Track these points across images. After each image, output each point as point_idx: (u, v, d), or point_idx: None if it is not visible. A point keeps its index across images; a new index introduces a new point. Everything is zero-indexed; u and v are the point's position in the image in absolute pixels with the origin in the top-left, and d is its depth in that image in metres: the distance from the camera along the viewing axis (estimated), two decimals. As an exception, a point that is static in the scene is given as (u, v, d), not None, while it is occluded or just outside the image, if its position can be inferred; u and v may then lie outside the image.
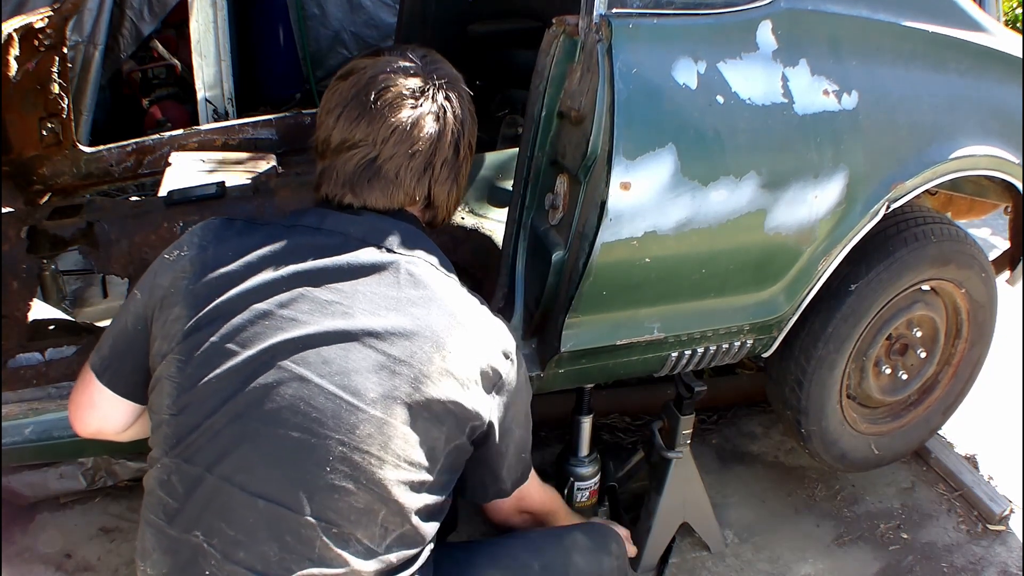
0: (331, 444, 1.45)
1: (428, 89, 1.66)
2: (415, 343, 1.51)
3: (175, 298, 1.57)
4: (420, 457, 1.50)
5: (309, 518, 1.44)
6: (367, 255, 1.57)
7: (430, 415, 1.50)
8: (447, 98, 1.68)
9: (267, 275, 1.54)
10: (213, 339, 1.51)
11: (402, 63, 1.67)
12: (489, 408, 1.60)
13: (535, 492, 1.91)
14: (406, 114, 1.62)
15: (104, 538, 2.67)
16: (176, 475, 1.51)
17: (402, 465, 1.48)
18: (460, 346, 1.55)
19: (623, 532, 2.24)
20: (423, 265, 1.60)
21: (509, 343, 1.66)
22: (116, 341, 1.67)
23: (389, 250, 1.58)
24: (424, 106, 1.64)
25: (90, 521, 2.73)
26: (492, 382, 1.60)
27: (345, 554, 1.46)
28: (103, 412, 1.70)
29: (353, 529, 1.47)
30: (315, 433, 1.45)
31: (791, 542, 2.74)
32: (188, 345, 1.53)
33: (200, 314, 1.53)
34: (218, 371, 1.50)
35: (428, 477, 1.53)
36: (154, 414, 1.58)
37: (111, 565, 2.58)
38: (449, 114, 1.68)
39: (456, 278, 1.66)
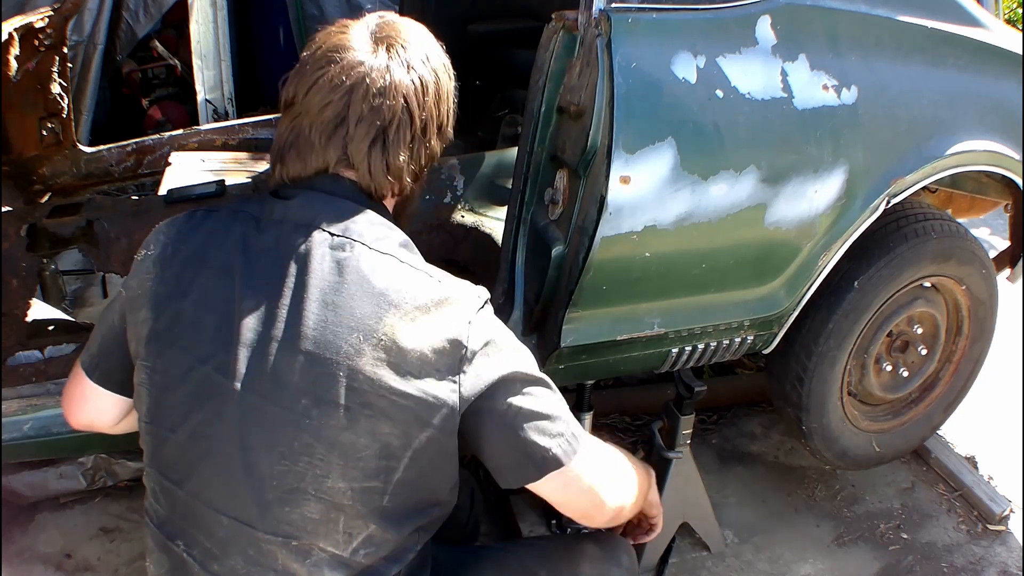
0: (273, 458, 1.40)
1: (370, 46, 1.51)
2: (340, 336, 1.37)
3: (141, 300, 1.53)
4: (370, 458, 1.40)
5: (266, 534, 1.42)
6: (295, 245, 1.44)
7: (373, 412, 1.37)
8: (396, 55, 1.52)
9: (209, 279, 1.47)
10: (172, 348, 1.48)
11: (354, 24, 1.55)
12: (451, 391, 1.39)
13: (591, 468, 1.54)
14: (332, 69, 1.48)
15: (104, 538, 2.66)
16: (159, 487, 1.51)
17: (350, 470, 1.39)
18: (395, 330, 1.37)
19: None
20: (349, 245, 1.44)
21: (470, 311, 1.43)
22: (104, 339, 1.64)
23: (322, 231, 1.44)
24: (349, 58, 1.49)
25: (90, 521, 2.72)
26: (451, 361, 1.39)
27: (308, 565, 1.44)
28: (95, 406, 1.69)
29: (313, 540, 1.43)
30: (255, 448, 1.41)
31: (791, 542, 2.74)
32: (151, 351, 1.50)
33: (160, 318, 1.49)
34: (176, 385, 1.47)
35: (387, 477, 1.42)
36: (138, 419, 1.56)
37: (111, 565, 2.57)
38: (394, 73, 1.50)
39: (400, 251, 1.47)
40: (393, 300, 1.39)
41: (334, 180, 1.52)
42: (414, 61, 1.54)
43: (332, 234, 1.44)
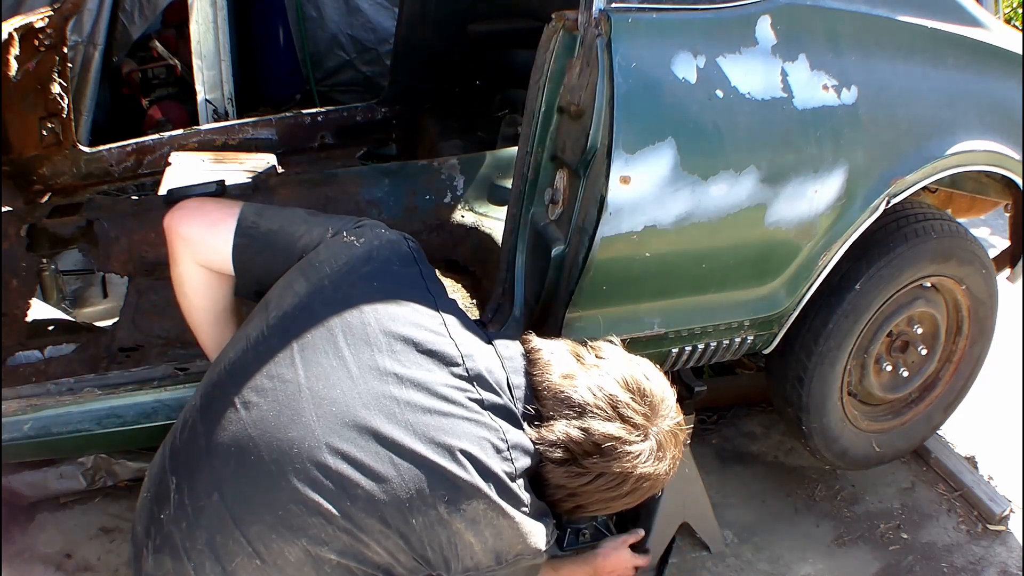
0: (298, 498, 1.46)
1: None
2: (432, 487, 1.48)
3: (313, 273, 1.60)
4: (372, 564, 1.49)
5: (242, 537, 1.46)
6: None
7: (405, 544, 1.49)
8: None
9: (373, 332, 1.55)
10: (292, 340, 1.54)
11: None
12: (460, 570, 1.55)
13: None
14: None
15: (104, 538, 2.65)
16: (191, 423, 1.56)
17: (349, 557, 1.48)
18: (468, 524, 1.51)
19: (633, 538, 2.28)
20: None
21: (531, 554, 1.58)
22: (280, 234, 1.68)
23: (484, 408, 1.56)
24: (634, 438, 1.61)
25: (90, 521, 2.71)
26: (488, 563, 1.56)
27: None
28: (209, 243, 1.69)
29: (273, 573, 1.47)
30: (291, 480, 1.46)
31: (791, 542, 2.73)
32: (282, 320, 1.56)
33: (306, 309, 1.56)
34: (271, 371, 1.52)
35: None
36: (224, 349, 1.63)
37: (111, 565, 2.56)
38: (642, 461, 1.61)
39: (518, 473, 1.55)
40: (481, 499, 1.49)
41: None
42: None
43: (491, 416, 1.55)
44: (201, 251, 1.71)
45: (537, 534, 1.57)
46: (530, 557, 1.58)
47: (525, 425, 1.59)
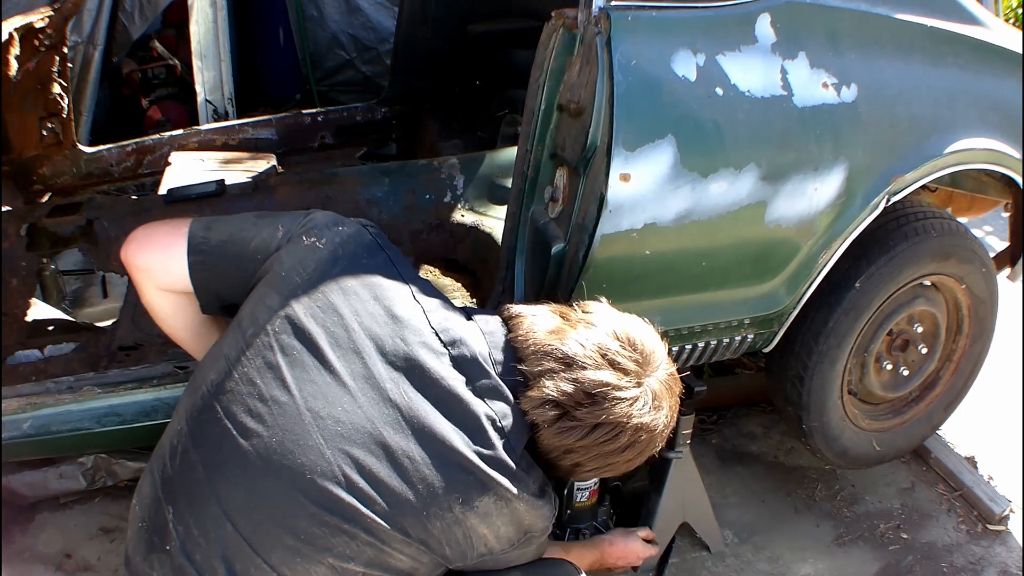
0: (318, 520, 1.46)
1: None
2: (441, 503, 1.50)
3: (281, 285, 1.57)
4: (396, 569, 1.52)
5: (265, 564, 1.46)
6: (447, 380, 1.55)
7: (426, 549, 1.52)
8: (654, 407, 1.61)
9: (355, 362, 1.54)
10: (276, 359, 1.52)
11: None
12: (468, 559, 1.59)
13: None
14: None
15: (104, 538, 2.65)
16: (181, 448, 1.53)
17: (375, 568, 1.50)
18: (480, 514, 1.53)
19: (643, 533, 2.31)
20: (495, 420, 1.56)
21: (540, 527, 1.63)
22: (230, 243, 1.65)
23: (477, 395, 1.55)
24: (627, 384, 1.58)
25: (90, 521, 2.71)
26: (500, 546, 1.60)
27: None
28: (165, 268, 1.67)
29: None
30: (305, 505, 1.46)
31: (791, 542, 2.73)
32: (257, 345, 1.53)
33: (282, 327, 1.54)
34: (262, 391, 1.51)
35: None
36: (199, 368, 1.61)
37: (111, 565, 2.56)
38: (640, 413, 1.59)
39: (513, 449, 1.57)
40: (493, 491, 1.52)
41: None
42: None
43: (490, 411, 1.55)
44: (160, 278, 1.69)
45: (542, 513, 1.60)
46: (539, 535, 1.62)
47: (513, 395, 1.58)
